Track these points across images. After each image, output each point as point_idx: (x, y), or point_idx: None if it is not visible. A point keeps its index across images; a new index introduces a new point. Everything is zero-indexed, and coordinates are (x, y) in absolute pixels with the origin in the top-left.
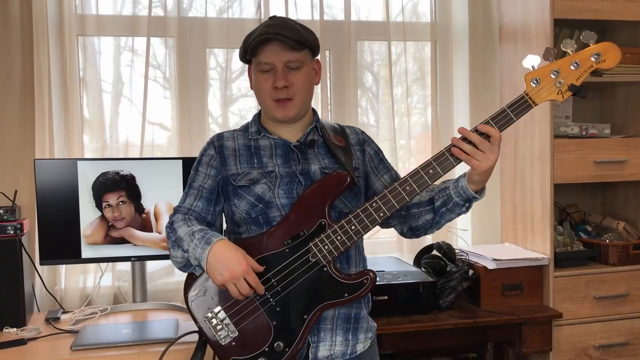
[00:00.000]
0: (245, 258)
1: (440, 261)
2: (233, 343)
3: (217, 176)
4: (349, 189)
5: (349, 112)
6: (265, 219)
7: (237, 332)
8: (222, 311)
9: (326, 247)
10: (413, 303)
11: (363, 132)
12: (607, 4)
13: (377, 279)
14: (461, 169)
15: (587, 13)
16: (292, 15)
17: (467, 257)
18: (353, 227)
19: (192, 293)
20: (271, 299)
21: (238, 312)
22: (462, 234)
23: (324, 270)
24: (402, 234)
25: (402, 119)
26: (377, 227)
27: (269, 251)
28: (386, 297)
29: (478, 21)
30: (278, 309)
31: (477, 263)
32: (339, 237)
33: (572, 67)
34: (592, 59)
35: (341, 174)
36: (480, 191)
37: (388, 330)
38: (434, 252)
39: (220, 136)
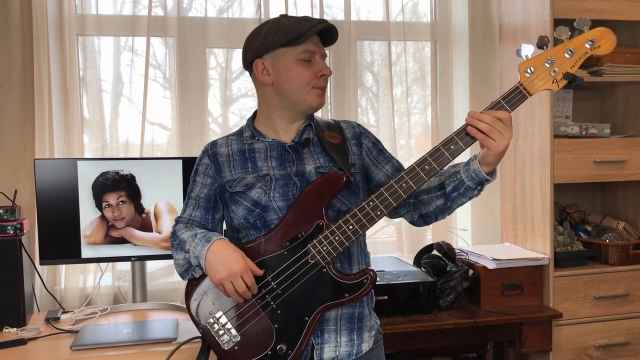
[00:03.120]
0: (243, 258)
1: (440, 261)
2: (236, 347)
3: (214, 185)
4: (346, 187)
5: (349, 111)
6: (263, 223)
7: (239, 337)
8: (224, 316)
9: (325, 248)
10: (413, 303)
11: (359, 125)
12: (607, 4)
13: (377, 278)
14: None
15: (587, 13)
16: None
17: (467, 257)
18: (351, 227)
19: (193, 299)
20: (272, 302)
21: (239, 317)
22: (462, 233)
23: (323, 272)
24: (412, 222)
25: (402, 118)
26: (378, 224)
27: (268, 254)
28: (386, 297)
29: (478, 21)
30: (279, 311)
31: (477, 263)
32: (337, 238)
33: (567, 55)
34: (587, 45)
35: (337, 174)
36: (492, 173)
37: (388, 330)
38: (434, 252)
39: (214, 144)
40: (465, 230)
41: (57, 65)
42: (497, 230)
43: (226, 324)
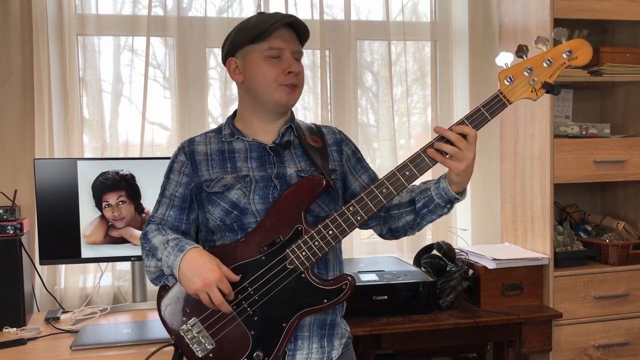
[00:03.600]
0: (219, 267)
1: (440, 261)
2: (210, 355)
3: (190, 183)
4: (326, 192)
5: (348, 112)
6: (240, 226)
7: (214, 344)
8: (198, 323)
9: (304, 254)
10: (413, 303)
11: (340, 132)
12: (607, 4)
13: (377, 279)
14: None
15: (587, 13)
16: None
17: (467, 257)
18: (330, 232)
19: (165, 305)
20: (248, 308)
21: (215, 323)
22: (462, 233)
23: (301, 277)
24: (381, 235)
25: (402, 118)
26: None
27: (245, 259)
28: (386, 297)
29: (478, 21)
30: (256, 318)
31: (477, 263)
32: (316, 243)
33: (545, 65)
34: (564, 55)
35: (317, 178)
36: (462, 192)
37: (388, 330)
38: (434, 251)
39: (191, 141)
40: (465, 230)
41: (57, 65)
42: (497, 230)
43: (201, 331)
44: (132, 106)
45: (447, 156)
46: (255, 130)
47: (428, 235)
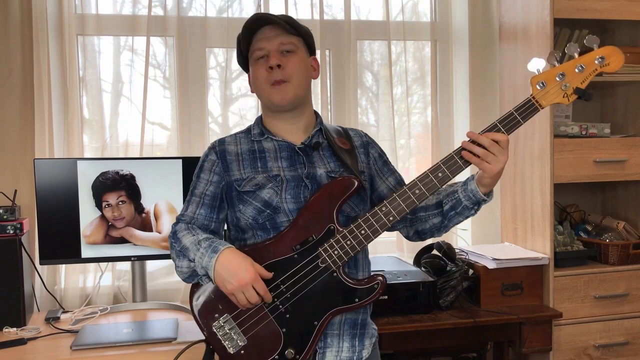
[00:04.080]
0: (253, 266)
1: (440, 261)
2: (242, 352)
3: (221, 182)
4: (357, 193)
5: (349, 111)
6: (272, 225)
7: (246, 341)
8: (231, 319)
9: (336, 252)
10: (413, 303)
11: (366, 135)
12: (607, 4)
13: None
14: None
15: (587, 13)
16: (292, 15)
17: (467, 257)
18: (363, 232)
19: (198, 301)
20: (280, 306)
21: (247, 320)
22: (462, 233)
23: (333, 276)
24: (407, 237)
25: (402, 118)
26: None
27: (277, 257)
28: (386, 297)
29: (478, 21)
30: (288, 315)
31: (477, 263)
32: (348, 242)
33: (577, 71)
34: (597, 62)
35: (349, 178)
36: (489, 194)
37: (388, 330)
38: (434, 251)
39: (222, 141)
40: (465, 230)
41: (57, 65)
42: (497, 230)
43: (233, 327)
44: (132, 106)
45: (480, 159)
46: (280, 130)
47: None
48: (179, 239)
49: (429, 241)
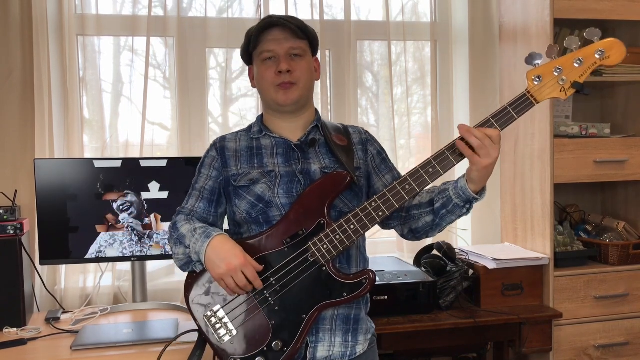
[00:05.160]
0: (243, 253)
1: (440, 261)
2: (232, 342)
3: (219, 177)
4: (350, 188)
5: (349, 112)
6: (265, 219)
7: (236, 331)
8: (222, 310)
9: (325, 247)
10: (413, 303)
11: (367, 132)
12: (607, 4)
13: (377, 279)
14: (461, 169)
15: (587, 13)
16: (292, 15)
17: (467, 257)
18: (352, 227)
19: (192, 292)
20: (270, 298)
21: (237, 311)
22: (462, 233)
23: (322, 270)
24: (402, 236)
25: (402, 118)
26: (377, 227)
27: (268, 250)
28: (386, 297)
29: (478, 21)
30: (277, 308)
31: (477, 263)
32: (337, 237)
33: (576, 64)
34: (597, 55)
35: (341, 174)
36: (481, 192)
37: (388, 330)
38: (434, 252)
39: (223, 138)
40: (465, 230)
41: (57, 65)
42: (497, 230)
43: (223, 318)
44: (132, 106)
45: (473, 151)
46: (280, 128)
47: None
48: (177, 228)
49: (429, 241)
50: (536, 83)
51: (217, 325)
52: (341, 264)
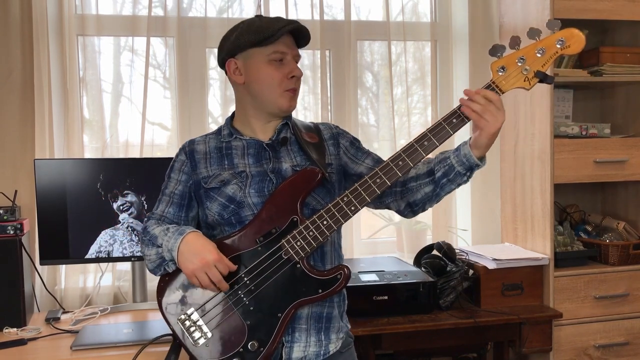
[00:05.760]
0: (217, 249)
1: (440, 261)
2: (207, 345)
3: (189, 181)
4: (322, 185)
5: (349, 112)
6: (237, 219)
7: (210, 334)
8: (195, 313)
9: (298, 244)
10: (413, 303)
11: (337, 127)
12: (607, 4)
13: (377, 279)
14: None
15: (587, 13)
16: (292, 15)
17: (467, 257)
18: (325, 222)
19: (165, 296)
20: (244, 298)
21: (212, 313)
22: (462, 233)
23: (297, 267)
24: (399, 211)
25: (402, 118)
26: (377, 227)
27: (241, 250)
28: (386, 297)
29: (478, 21)
30: (252, 308)
31: (477, 263)
32: (310, 233)
33: (538, 54)
34: (557, 45)
35: (312, 170)
36: (482, 159)
37: (388, 330)
38: (434, 252)
39: (191, 141)
40: (465, 230)
41: (57, 65)
42: (497, 230)
43: (197, 320)
44: (132, 106)
45: (479, 115)
46: (253, 129)
47: (428, 235)
48: (148, 232)
49: (429, 241)
50: (500, 74)
51: (192, 329)
52: (315, 261)
